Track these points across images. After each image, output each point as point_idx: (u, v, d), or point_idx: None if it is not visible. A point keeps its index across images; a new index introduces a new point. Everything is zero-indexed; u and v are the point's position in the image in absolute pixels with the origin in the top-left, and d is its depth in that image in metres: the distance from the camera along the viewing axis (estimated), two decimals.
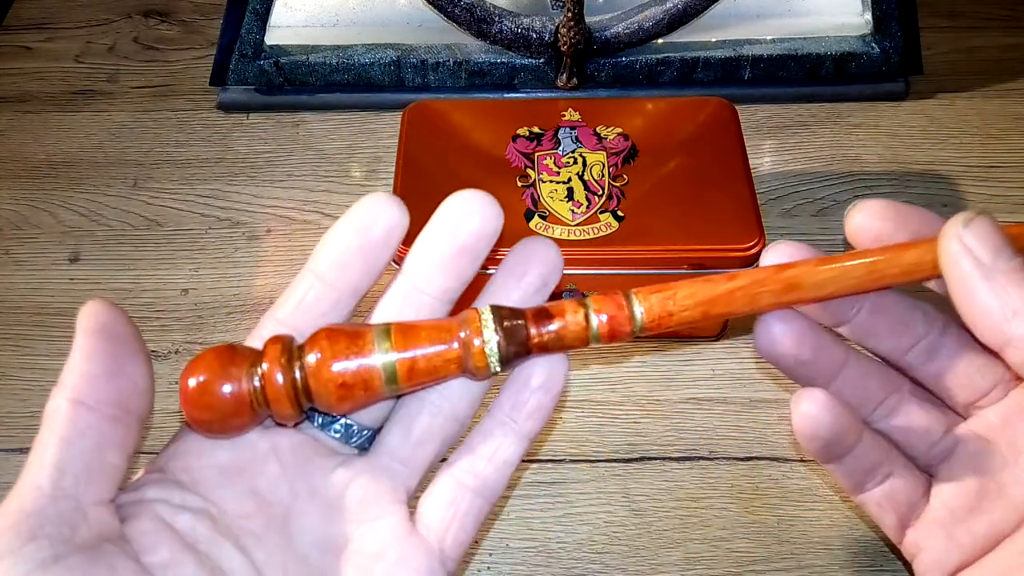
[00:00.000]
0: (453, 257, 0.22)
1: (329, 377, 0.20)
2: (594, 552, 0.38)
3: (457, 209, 0.22)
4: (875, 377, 0.24)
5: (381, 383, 0.21)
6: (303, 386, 0.20)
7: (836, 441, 0.23)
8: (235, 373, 0.20)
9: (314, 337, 0.21)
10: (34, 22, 0.62)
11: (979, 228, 0.20)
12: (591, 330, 0.21)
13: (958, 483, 0.23)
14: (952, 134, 0.53)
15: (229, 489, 0.21)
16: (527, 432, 0.23)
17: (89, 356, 0.20)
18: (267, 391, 0.20)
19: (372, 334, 0.21)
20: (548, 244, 0.23)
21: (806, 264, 0.22)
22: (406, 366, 0.21)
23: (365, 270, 0.22)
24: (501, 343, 0.21)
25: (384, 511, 0.22)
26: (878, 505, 0.24)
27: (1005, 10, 0.60)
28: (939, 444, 0.24)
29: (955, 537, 0.23)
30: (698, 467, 0.41)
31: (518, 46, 0.52)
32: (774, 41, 0.54)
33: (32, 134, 0.55)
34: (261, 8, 0.54)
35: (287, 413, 0.21)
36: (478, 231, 0.22)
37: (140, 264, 0.49)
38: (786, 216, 0.50)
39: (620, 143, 0.43)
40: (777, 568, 0.38)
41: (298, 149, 0.54)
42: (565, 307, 0.21)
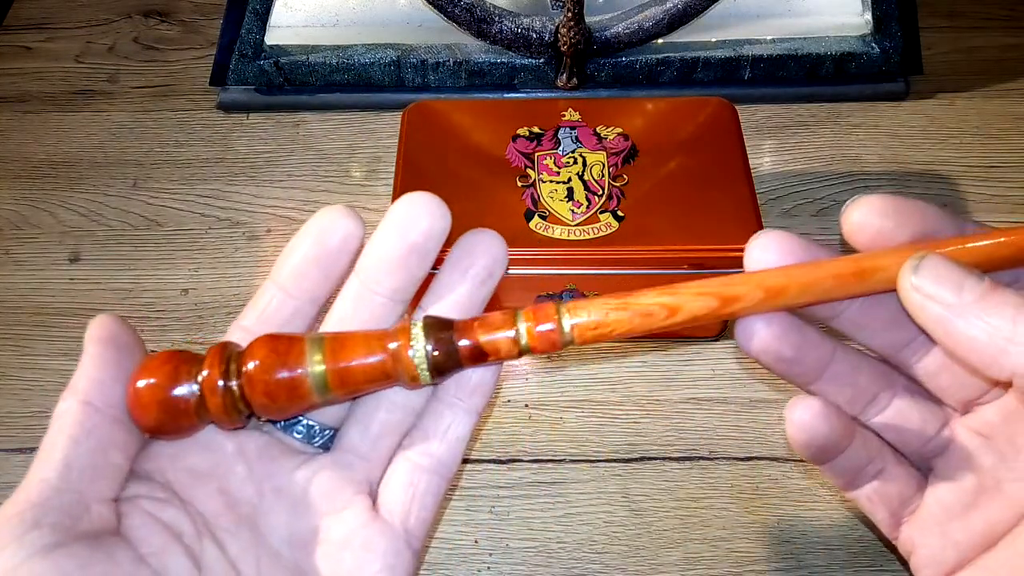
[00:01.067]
0: (402, 258, 0.23)
1: (261, 385, 0.21)
2: (594, 552, 0.38)
3: (405, 211, 0.22)
4: (866, 373, 0.23)
5: (312, 392, 0.21)
6: (240, 393, 0.21)
7: (830, 447, 0.23)
8: (179, 379, 0.21)
9: (252, 346, 0.22)
10: (34, 22, 0.62)
11: (931, 270, 0.19)
12: (520, 343, 0.22)
13: (954, 481, 0.23)
14: (952, 134, 0.53)
15: (201, 490, 0.22)
16: (474, 407, 0.24)
17: (98, 363, 0.21)
18: (205, 398, 0.21)
19: (305, 344, 0.21)
20: (492, 235, 0.24)
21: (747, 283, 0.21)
22: (337, 376, 0.21)
23: (322, 280, 0.23)
24: (430, 355, 0.21)
25: (347, 502, 0.23)
26: (869, 500, 0.24)
27: (1005, 10, 0.60)
28: (934, 441, 0.23)
29: (951, 535, 0.22)
30: (698, 467, 0.41)
31: (518, 46, 0.52)
32: (774, 41, 0.54)
33: (32, 134, 0.55)
34: (261, 8, 0.54)
35: (225, 419, 0.21)
36: (426, 232, 0.22)
37: (140, 264, 0.49)
38: (786, 216, 0.50)
39: (620, 143, 0.43)
40: (777, 568, 0.38)
41: (298, 149, 0.54)
42: (496, 319, 0.22)
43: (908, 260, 0.20)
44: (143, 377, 0.21)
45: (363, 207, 0.51)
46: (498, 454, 0.41)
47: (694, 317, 0.21)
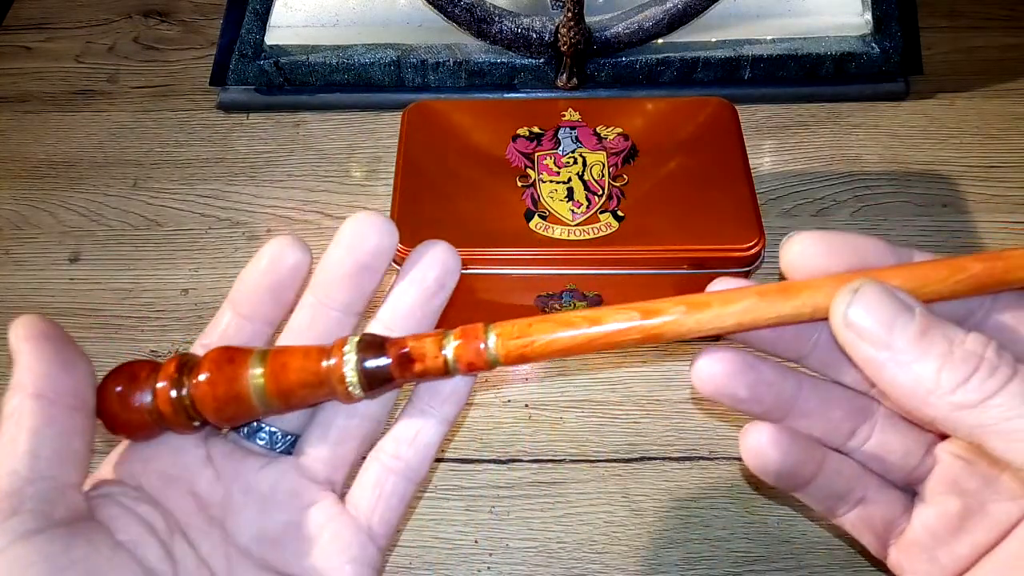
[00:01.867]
0: (352, 275, 0.24)
1: (209, 396, 0.22)
2: (594, 552, 0.38)
3: (354, 230, 0.24)
4: (840, 407, 0.23)
5: (254, 402, 0.23)
6: (191, 403, 0.23)
7: (790, 473, 0.22)
8: (140, 387, 0.23)
9: (205, 356, 0.23)
10: (34, 22, 0.62)
11: (864, 303, 0.18)
12: (447, 359, 0.23)
13: (939, 506, 0.23)
14: (952, 134, 0.53)
15: (172, 492, 0.23)
16: (446, 416, 0.25)
17: (39, 357, 0.21)
18: (158, 405, 0.23)
19: (250, 357, 0.23)
20: (444, 247, 0.25)
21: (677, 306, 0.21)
22: (275, 388, 0.23)
23: (274, 305, 0.24)
24: (360, 367, 0.22)
25: (313, 499, 0.24)
26: (854, 526, 0.24)
27: (1005, 10, 0.60)
28: (919, 468, 0.23)
29: (938, 560, 0.23)
30: (698, 467, 0.41)
31: (518, 46, 0.52)
32: (774, 41, 0.54)
33: (32, 134, 0.55)
34: (261, 8, 0.54)
35: (178, 426, 0.23)
36: (374, 250, 0.23)
37: (140, 264, 0.49)
38: (786, 216, 0.50)
39: (620, 143, 0.43)
40: (777, 568, 0.38)
41: (298, 149, 0.54)
42: (426, 337, 0.23)
43: (843, 288, 0.19)
44: (113, 383, 0.23)
45: (363, 207, 0.51)
46: (498, 454, 0.41)
47: (619, 333, 0.21)
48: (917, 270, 0.20)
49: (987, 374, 0.18)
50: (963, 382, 0.18)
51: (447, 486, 0.40)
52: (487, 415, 0.42)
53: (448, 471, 0.41)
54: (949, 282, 0.20)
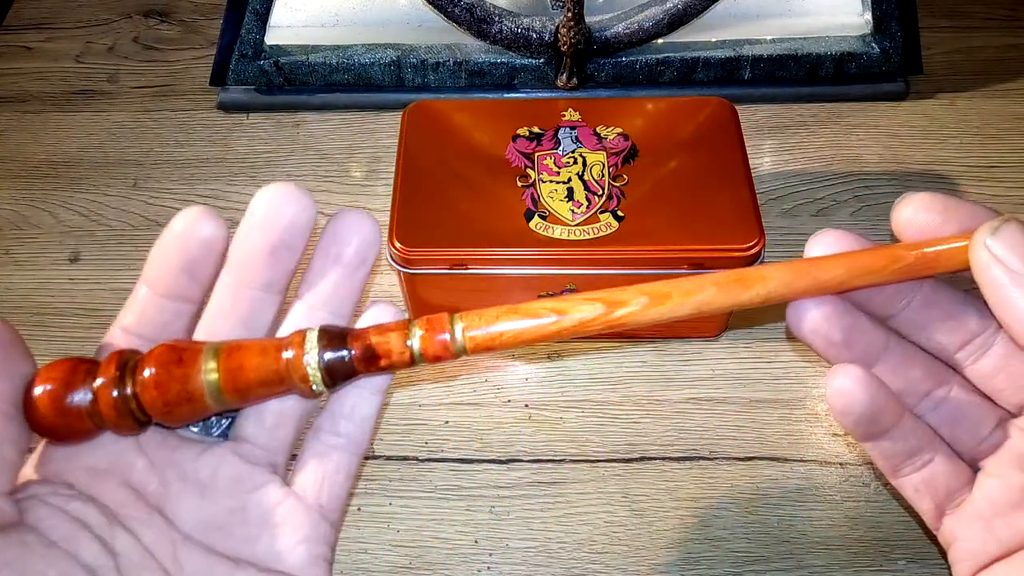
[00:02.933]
0: (269, 253, 0.23)
1: (157, 393, 0.21)
2: (594, 552, 0.38)
3: (268, 203, 0.22)
4: (920, 366, 0.23)
5: (207, 399, 0.22)
6: (136, 401, 0.21)
7: (872, 418, 0.22)
8: (75, 385, 0.21)
9: (150, 353, 0.22)
10: (34, 22, 0.62)
11: (1007, 235, 0.20)
12: (412, 347, 0.22)
13: (1004, 479, 0.23)
14: (952, 134, 0.53)
15: (103, 485, 0.22)
16: (378, 387, 0.24)
17: None
18: (99, 405, 0.21)
19: (201, 352, 0.22)
20: (361, 216, 0.23)
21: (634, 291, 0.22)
22: (230, 382, 0.22)
23: (191, 283, 0.23)
24: (322, 360, 0.22)
25: (258, 483, 0.23)
26: (916, 490, 0.24)
27: (1005, 10, 0.60)
28: (987, 439, 0.23)
29: (994, 530, 0.23)
30: (698, 467, 0.41)
31: (518, 46, 0.52)
32: (774, 41, 0.54)
33: (32, 134, 0.55)
34: (261, 8, 0.54)
35: (120, 426, 0.21)
36: (288, 224, 0.22)
37: (140, 264, 0.48)
38: (786, 216, 0.50)
39: (620, 143, 0.43)
40: (777, 568, 0.38)
41: (298, 149, 0.54)
42: (390, 325, 0.22)
43: (988, 222, 0.20)
44: (40, 383, 0.21)
45: (363, 207, 0.50)
46: (498, 454, 0.41)
47: (582, 324, 0.22)
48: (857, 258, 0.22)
49: None
50: None
51: (447, 486, 0.40)
52: (487, 415, 0.42)
53: (448, 471, 0.41)
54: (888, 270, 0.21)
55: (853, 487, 0.40)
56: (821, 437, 0.41)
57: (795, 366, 0.43)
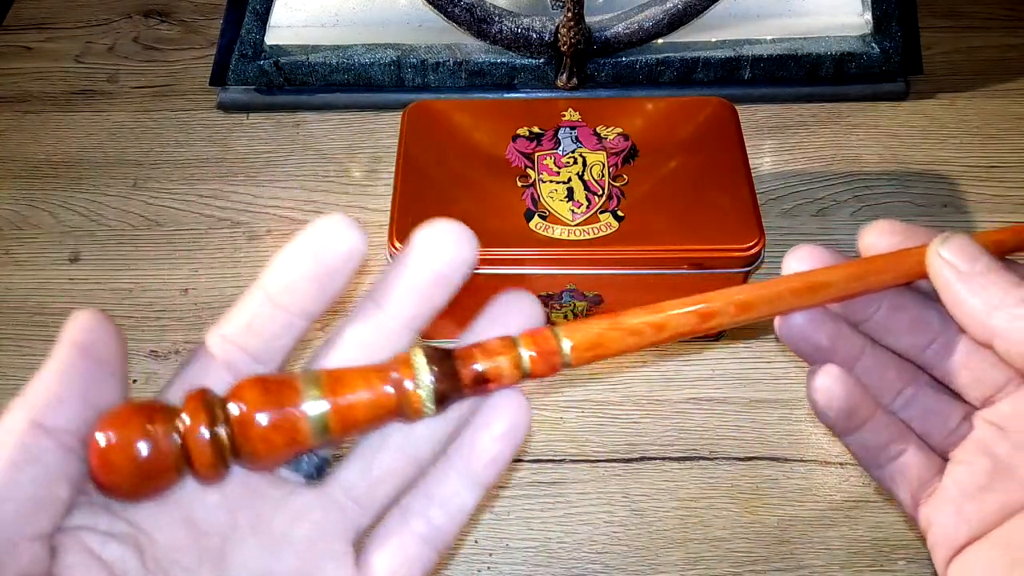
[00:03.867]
0: (428, 288, 0.21)
1: (255, 429, 0.19)
2: (594, 552, 0.38)
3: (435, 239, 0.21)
4: (893, 368, 0.25)
5: (310, 435, 0.20)
6: (229, 441, 0.19)
7: (849, 412, 0.24)
8: (154, 431, 0.19)
9: (238, 388, 0.20)
10: (34, 22, 0.62)
11: (955, 243, 0.23)
12: (522, 366, 0.21)
13: (970, 465, 0.24)
14: (952, 134, 0.53)
15: (163, 518, 0.20)
16: (484, 481, 0.22)
17: (62, 374, 0.18)
18: (189, 448, 0.19)
19: (299, 381, 0.20)
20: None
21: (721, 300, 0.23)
22: (338, 415, 0.20)
23: (318, 296, 0.21)
24: (435, 384, 0.20)
25: (331, 551, 0.21)
26: (892, 480, 0.25)
27: (1005, 10, 0.60)
28: (955, 432, 0.25)
29: (964, 512, 0.24)
30: (698, 467, 0.41)
31: (518, 46, 0.52)
32: (774, 41, 0.54)
33: (32, 134, 0.55)
34: (261, 8, 0.54)
35: (211, 472, 0.19)
36: (453, 261, 0.21)
37: (140, 264, 0.49)
38: (786, 216, 0.50)
39: (620, 143, 0.43)
40: (777, 568, 0.38)
41: (298, 149, 0.54)
42: (495, 345, 0.21)
43: (940, 235, 0.23)
44: (108, 431, 0.18)
45: (363, 207, 0.51)
46: None
47: (678, 334, 0.23)
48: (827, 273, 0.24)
49: None
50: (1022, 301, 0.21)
51: None
52: None
53: None
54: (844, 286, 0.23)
55: (853, 487, 0.40)
56: (821, 437, 0.41)
57: (795, 366, 0.43)
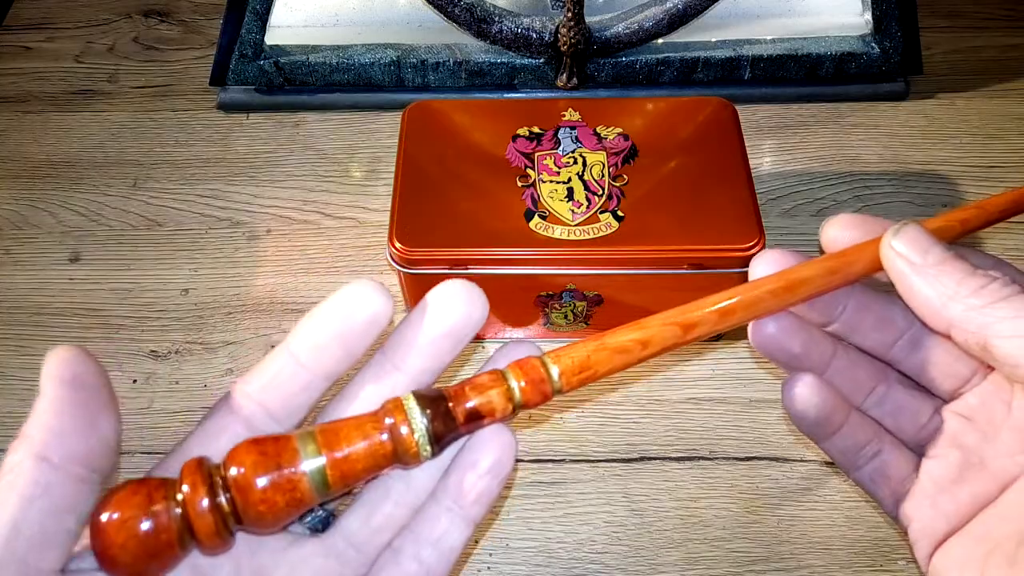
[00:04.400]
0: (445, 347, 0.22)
1: (255, 492, 0.19)
2: (594, 552, 0.38)
3: (447, 299, 0.22)
4: (863, 368, 0.26)
5: (311, 492, 0.20)
6: (230, 507, 0.19)
7: (825, 419, 0.25)
8: (154, 505, 0.19)
9: (234, 452, 0.20)
10: (34, 22, 0.62)
11: (907, 234, 0.23)
12: (514, 398, 0.21)
13: (942, 458, 0.25)
14: (952, 134, 0.53)
15: None
16: (472, 517, 0.22)
17: (58, 409, 0.19)
18: (190, 519, 0.19)
19: (295, 440, 0.20)
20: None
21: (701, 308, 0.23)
22: (337, 469, 0.20)
23: (342, 357, 0.21)
24: (430, 426, 0.20)
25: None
26: (871, 480, 0.26)
27: (1005, 10, 0.60)
28: (926, 426, 0.25)
29: (940, 506, 0.24)
30: (698, 467, 0.41)
31: (518, 46, 0.52)
32: (774, 41, 0.54)
33: (32, 134, 0.55)
34: (261, 8, 0.54)
35: (215, 540, 0.19)
36: (465, 320, 0.22)
37: (140, 264, 0.49)
38: (786, 216, 0.50)
39: (620, 143, 0.43)
40: (777, 568, 0.38)
41: (298, 149, 0.54)
42: (484, 380, 0.21)
43: (892, 226, 0.23)
44: (109, 510, 0.19)
45: (363, 207, 0.51)
46: None
47: (664, 347, 0.23)
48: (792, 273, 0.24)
49: (997, 287, 0.21)
50: (977, 290, 0.21)
51: None
52: None
53: None
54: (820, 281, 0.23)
55: (853, 487, 0.40)
56: None
57: None
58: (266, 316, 0.46)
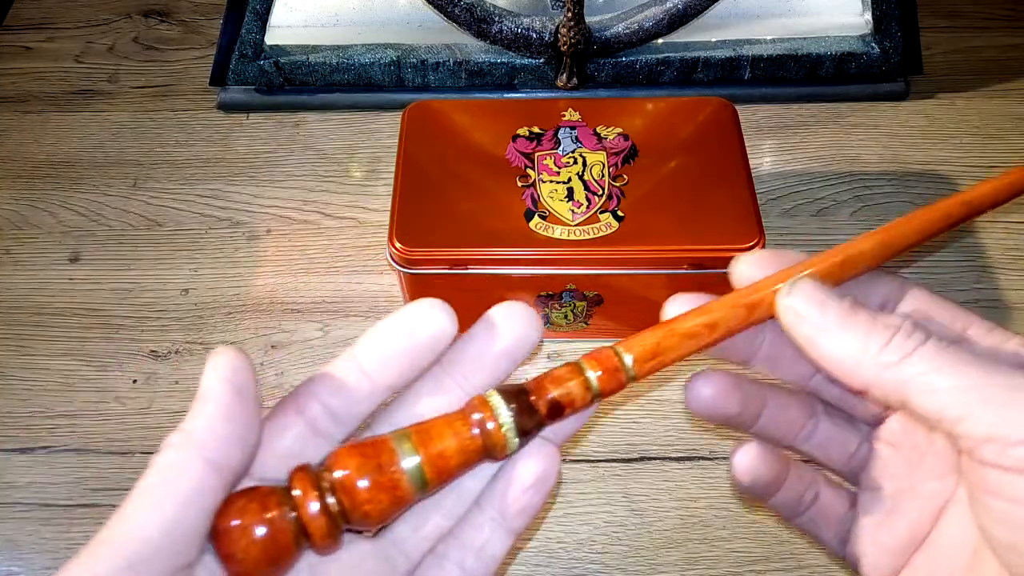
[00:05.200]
0: (496, 360, 0.23)
1: (360, 493, 0.20)
2: (594, 552, 0.38)
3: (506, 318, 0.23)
4: (793, 408, 0.25)
5: (411, 489, 0.21)
6: (338, 509, 0.20)
7: (770, 483, 0.25)
8: (269, 510, 0.20)
9: (337, 457, 0.21)
10: (34, 22, 0.62)
11: (801, 292, 0.22)
12: (592, 387, 0.22)
13: (874, 490, 0.24)
14: (952, 134, 0.53)
15: None
16: (516, 528, 0.23)
17: (228, 416, 0.20)
18: (304, 522, 0.20)
19: (391, 441, 0.21)
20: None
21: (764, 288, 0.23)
22: (433, 465, 0.21)
23: (405, 371, 0.22)
24: (515, 419, 0.21)
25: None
26: (813, 525, 0.26)
27: (1005, 10, 0.60)
28: (855, 455, 0.25)
29: (880, 542, 0.24)
30: (698, 467, 0.41)
31: (518, 46, 0.52)
32: (774, 41, 0.54)
33: (32, 134, 0.55)
34: (261, 8, 0.54)
35: (327, 540, 0.21)
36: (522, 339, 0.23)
37: (140, 264, 0.49)
38: (786, 216, 0.50)
39: (620, 143, 0.43)
40: (777, 568, 0.38)
41: (298, 149, 0.54)
42: (562, 372, 0.22)
43: (783, 284, 0.22)
44: (231, 518, 0.20)
45: (363, 207, 0.51)
46: None
47: (730, 331, 0.23)
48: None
49: (905, 337, 0.21)
50: (885, 345, 0.21)
51: None
52: None
53: None
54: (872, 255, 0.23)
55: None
56: None
57: None
58: (266, 316, 0.46)
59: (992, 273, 0.47)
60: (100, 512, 0.40)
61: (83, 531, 0.39)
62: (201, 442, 0.19)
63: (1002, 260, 0.48)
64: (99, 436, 0.42)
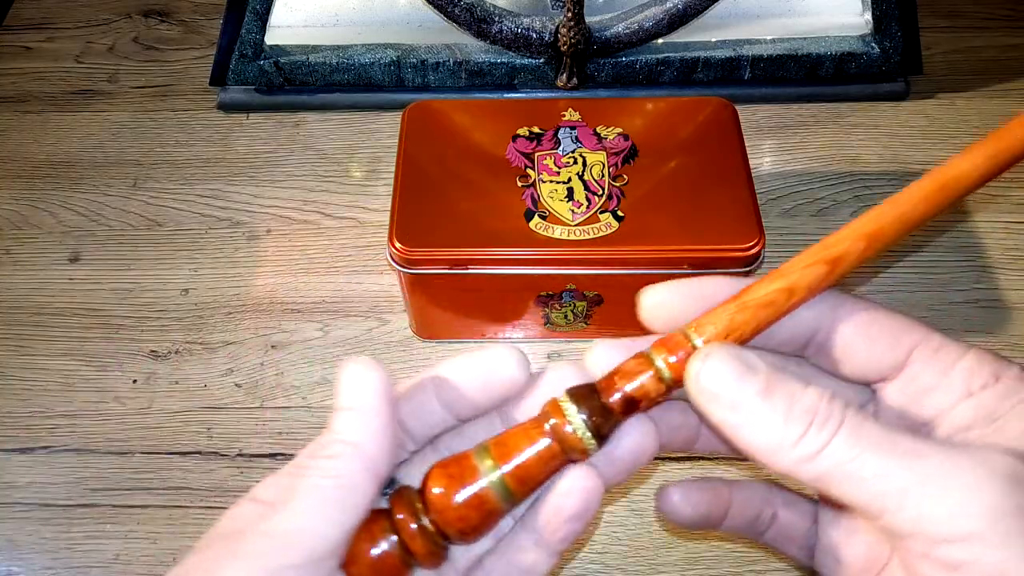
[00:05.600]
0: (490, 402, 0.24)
1: (451, 511, 0.21)
2: (594, 552, 0.38)
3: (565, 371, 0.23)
4: (756, 498, 0.26)
5: (498, 502, 0.21)
6: (435, 528, 0.21)
7: (704, 520, 0.25)
8: (376, 536, 0.21)
9: (427, 478, 0.22)
10: (34, 22, 0.62)
11: (713, 366, 0.20)
12: (664, 377, 0.21)
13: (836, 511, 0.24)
14: (952, 134, 0.53)
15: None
16: (558, 551, 0.24)
17: (389, 432, 0.21)
18: (407, 544, 0.21)
19: (472, 456, 0.22)
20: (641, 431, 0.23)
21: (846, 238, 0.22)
22: (515, 477, 0.21)
23: (476, 408, 0.23)
24: (589, 421, 0.21)
25: None
26: (778, 542, 0.26)
27: (1005, 10, 0.60)
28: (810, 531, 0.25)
29: (844, 559, 0.24)
30: (698, 467, 0.41)
31: (518, 46, 0.52)
32: (774, 41, 0.54)
33: (32, 134, 0.55)
34: (261, 8, 0.54)
35: (429, 558, 0.21)
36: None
37: (140, 264, 0.49)
38: (786, 216, 0.50)
39: (620, 143, 0.43)
40: (777, 568, 0.38)
41: (298, 149, 0.54)
42: (632, 365, 0.22)
43: (692, 359, 0.21)
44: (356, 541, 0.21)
45: (363, 207, 0.51)
46: None
47: (811, 292, 0.21)
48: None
49: (820, 426, 0.20)
50: (802, 436, 0.20)
51: None
52: None
53: None
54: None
55: None
56: None
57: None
58: (266, 316, 0.46)
59: (992, 273, 0.47)
60: (99, 512, 0.40)
61: (83, 531, 0.39)
62: (371, 457, 0.21)
63: (1002, 260, 0.48)
64: (99, 436, 0.42)
